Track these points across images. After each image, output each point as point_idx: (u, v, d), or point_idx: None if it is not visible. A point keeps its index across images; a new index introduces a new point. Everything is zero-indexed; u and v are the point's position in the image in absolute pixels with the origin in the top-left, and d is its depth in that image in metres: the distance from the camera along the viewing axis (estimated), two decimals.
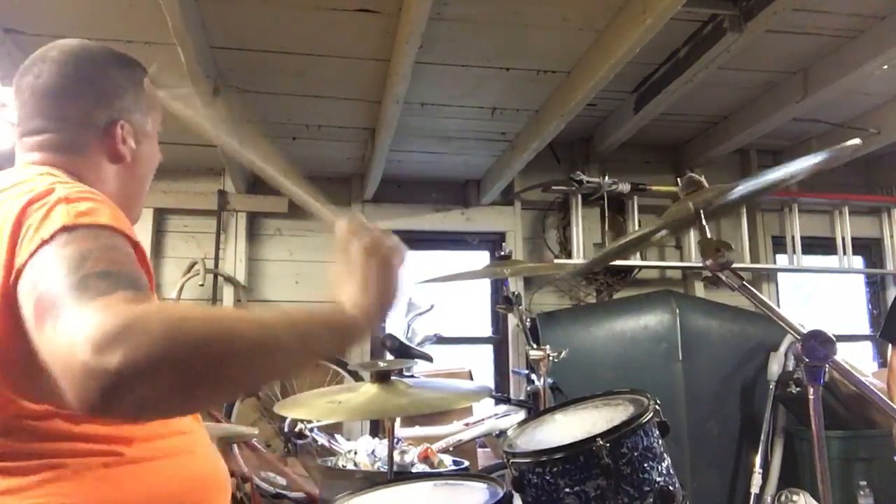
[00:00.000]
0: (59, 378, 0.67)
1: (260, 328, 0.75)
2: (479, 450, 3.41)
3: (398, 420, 2.69)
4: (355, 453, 2.49)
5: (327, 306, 0.86)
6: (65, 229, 0.80)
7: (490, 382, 3.98)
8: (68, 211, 0.83)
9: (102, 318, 0.66)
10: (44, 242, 0.79)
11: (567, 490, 1.34)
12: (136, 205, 1.18)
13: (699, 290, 4.08)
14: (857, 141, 1.24)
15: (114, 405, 0.64)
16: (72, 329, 0.67)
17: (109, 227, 0.83)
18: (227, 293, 3.80)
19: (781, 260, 4.26)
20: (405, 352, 3.17)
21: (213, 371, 0.69)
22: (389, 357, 3.14)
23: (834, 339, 1.18)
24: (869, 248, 4.49)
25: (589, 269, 3.48)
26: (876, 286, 4.49)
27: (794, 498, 3.29)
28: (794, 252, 4.13)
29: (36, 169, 1.00)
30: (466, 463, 2.52)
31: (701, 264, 1.35)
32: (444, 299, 3.63)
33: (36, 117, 1.05)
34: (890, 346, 2.59)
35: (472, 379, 3.65)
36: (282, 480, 3.07)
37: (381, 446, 2.49)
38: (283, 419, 3.17)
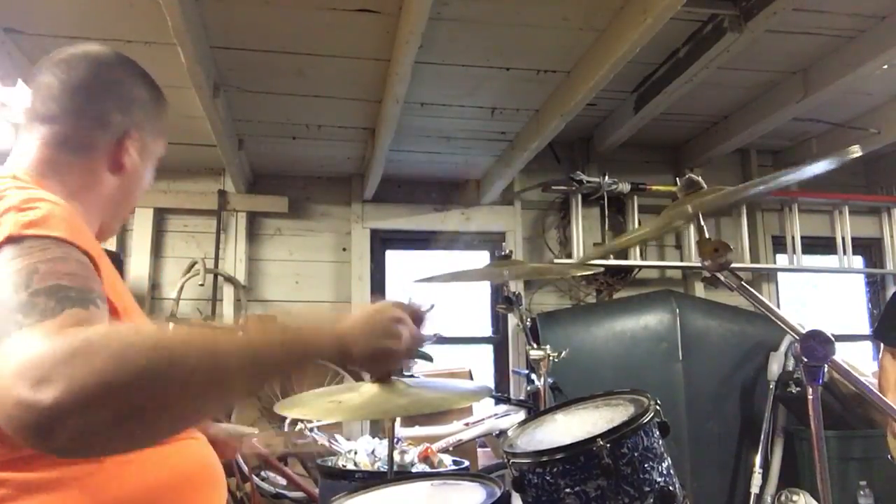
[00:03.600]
0: None
1: (207, 355, 0.70)
2: (479, 450, 3.41)
3: (398, 420, 2.69)
4: (355, 453, 2.49)
5: (321, 328, 0.84)
6: (10, 240, 0.77)
7: (490, 382, 3.98)
8: (16, 220, 0.80)
9: (42, 346, 0.64)
10: None
11: (567, 490, 1.34)
12: (119, 218, 1.15)
13: (699, 290, 4.08)
14: (856, 149, 1.24)
15: (48, 440, 0.62)
16: (10, 356, 0.64)
17: (58, 238, 0.80)
18: (227, 293, 3.81)
19: (781, 260, 4.26)
20: None
21: (153, 405, 0.65)
22: None
23: (833, 339, 1.18)
24: (869, 248, 4.49)
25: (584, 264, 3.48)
26: (876, 286, 4.49)
27: (794, 498, 3.29)
28: (794, 252, 4.13)
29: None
30: (466, 463, 2.52)
31: (700, 264, 1.35)
32: (444, 299, 3.62)
33: (55, 104, 1.04)
34: (882, 345, 2.59)
35: (472, 379, 3.65)
36: (282, 480, 3.07)
37: (381, 446, 2.49)
38: (283, 419, 3.17)
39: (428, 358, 3.27)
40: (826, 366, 1.20)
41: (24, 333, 0.67)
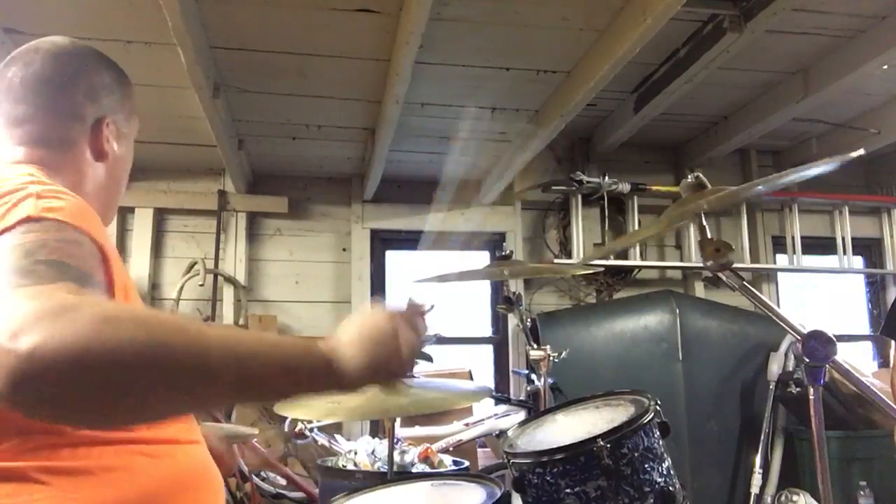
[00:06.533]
0: None
1: (195, 349, 0.66)
2: (479, 450, 3.41)
3: (398, 420, 2.69)
4: (355, 453, 2.49)
5: (309, 344, 0.77)
6: (29, 220, 0.79)
7: (490, 383, 3.98)
8: (36, 205, 0.82)
9: (31, 302, 0.63)
10: (6, 230, 0.78)
11: (567, 490, 1.34)
12: (112, 205, 1.17)
13: (699, 290, 4.08)
14: (860, 151, 1.24)
15: (17, 392, 0.59)
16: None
17: (76, 227, 0.82)
18: (227, 293, 3.80)
19: (781, 260, 4.25)
20: None
21: (128, 381, 0.62)
22: None
23: (834, 339, 1.18)
24: (869, 248, 4.49)
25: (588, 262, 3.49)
26: (876, 286, 4.48)
27: (794, 498, 3.29)
28: (794, 252, 4.13)
29: (17, 168, 0.99)
30: (466, 463, 2.52)
31: (701, 264, 1.35)
32: (444, 299, 3.62)
33: (23, 104, 1.04)
34: (893, 343, 2.57)
35: (472, 379, 3.65)
36: (282, 480, 3.07)
37: (381, 446, 2.49)
38: (283, 419, 3.17)
39: (428, 358, 3.26)
40: (827, 366, 1.20)
41: (15, 293, 0.67)
